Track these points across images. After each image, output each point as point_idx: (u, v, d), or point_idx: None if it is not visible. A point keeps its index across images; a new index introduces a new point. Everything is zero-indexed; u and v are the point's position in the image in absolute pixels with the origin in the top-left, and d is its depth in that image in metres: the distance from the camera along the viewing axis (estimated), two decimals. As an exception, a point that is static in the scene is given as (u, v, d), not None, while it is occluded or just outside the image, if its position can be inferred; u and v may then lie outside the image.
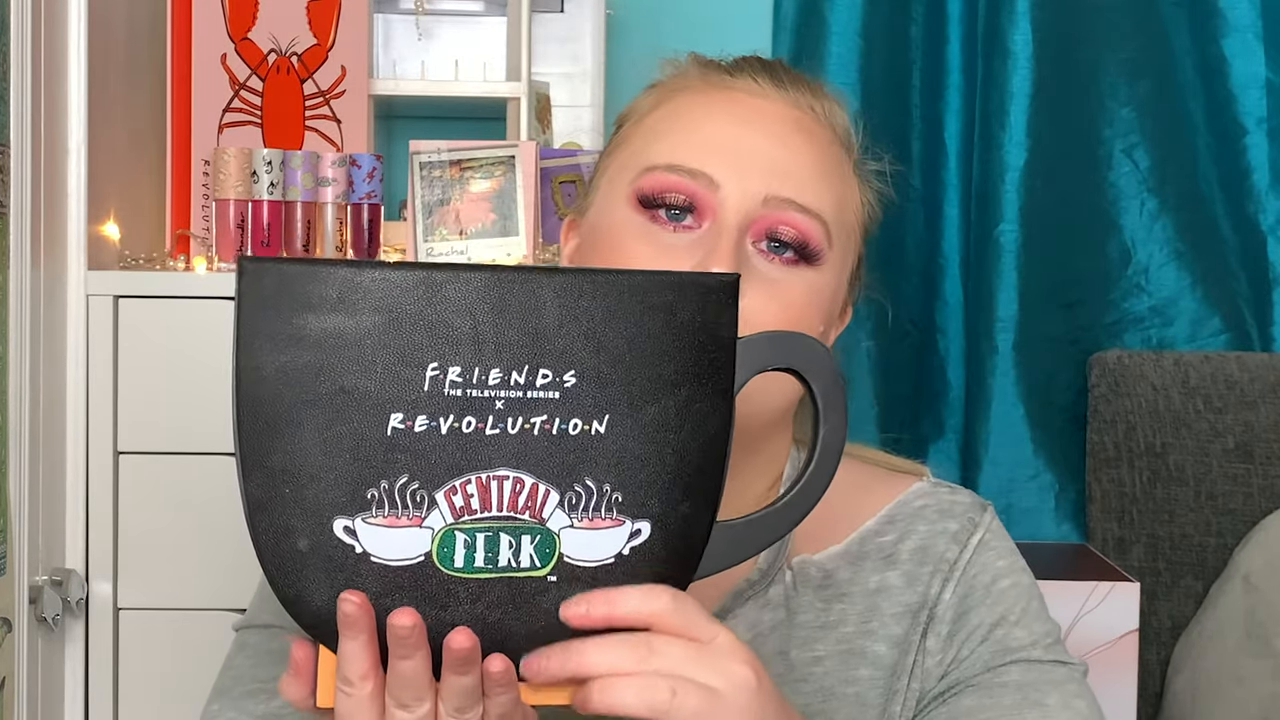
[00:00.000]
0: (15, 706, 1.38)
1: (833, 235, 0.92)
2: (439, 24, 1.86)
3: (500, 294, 0.68)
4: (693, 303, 0.70)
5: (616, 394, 0.69)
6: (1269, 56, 1.92)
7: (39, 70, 1.41)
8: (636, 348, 0.70)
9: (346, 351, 0.67)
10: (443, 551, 0.69)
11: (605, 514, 0.70)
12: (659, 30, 1.92)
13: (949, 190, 1.95)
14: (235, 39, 1.68)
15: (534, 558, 0.70)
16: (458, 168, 1.58)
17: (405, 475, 0.68)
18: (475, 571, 0.69)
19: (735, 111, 0.93)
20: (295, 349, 0.67)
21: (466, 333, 0.68)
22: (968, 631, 0.93)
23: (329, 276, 0.67)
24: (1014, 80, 1.88)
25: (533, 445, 0.69)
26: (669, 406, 0.70)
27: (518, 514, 0.69)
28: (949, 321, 1.96)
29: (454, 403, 0.68)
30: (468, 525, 0.69)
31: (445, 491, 0.69)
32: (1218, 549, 1.76)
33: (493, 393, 0.68)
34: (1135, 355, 1.83)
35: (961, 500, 0.98)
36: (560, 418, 0.69)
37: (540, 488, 0.69)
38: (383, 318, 0.67)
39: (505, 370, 0.68)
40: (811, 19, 1.91)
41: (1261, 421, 1.77)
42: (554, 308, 0.68)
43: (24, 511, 1.39)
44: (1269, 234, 1.93)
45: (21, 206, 1.38)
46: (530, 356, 0.68)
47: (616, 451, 0.70)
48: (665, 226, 0.90)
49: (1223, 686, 1.65)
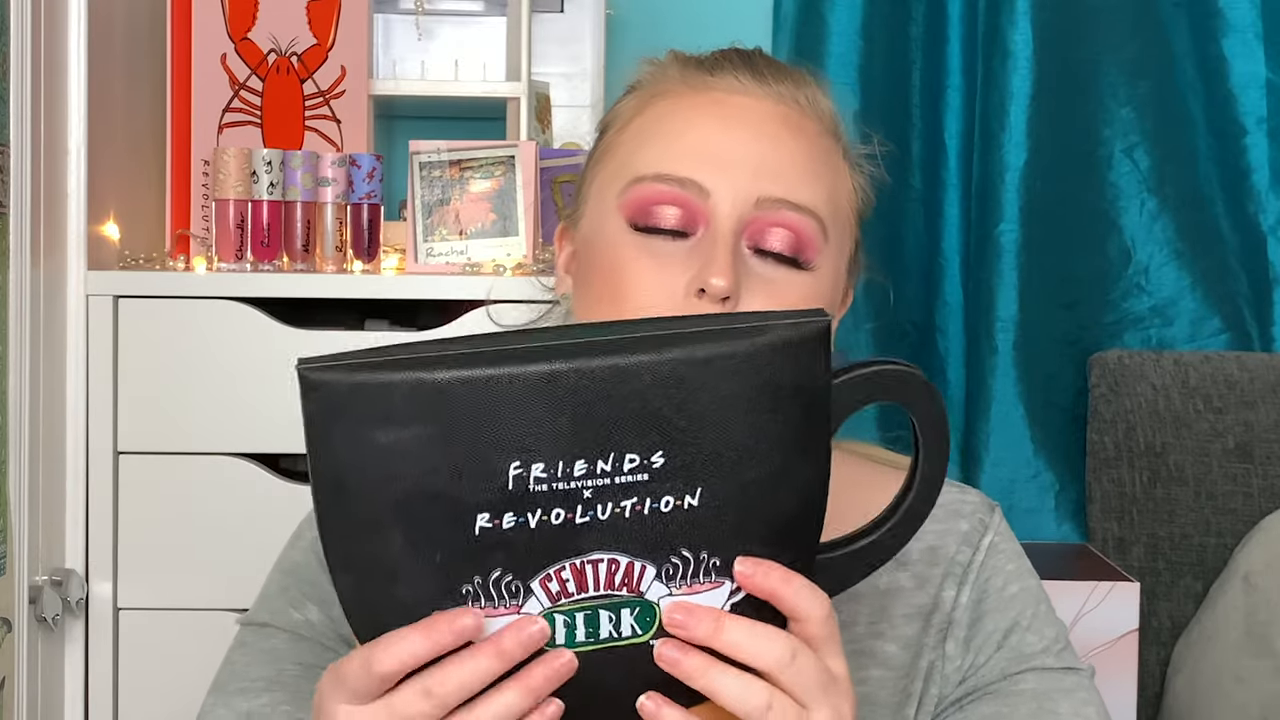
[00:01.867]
0: (15, 706, 1.38)
1: (828, 229, 0.91)
2: (439, 24, 1.86)
3: (575, 384, 0.65)
4: (787, 365, 0.67)
5: (708, 467, 0.67)
6: (1269, 56, 1.92)
7: (39, 70, 1.41)
8: (728, 419, 0.67)
9: (425, 458, 0.65)
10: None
11: (704, 579, 0.69)
12: (659, 30, 1.92)
13: (949, 190, 1.95)
14: (235, 39, 1.68)
15: (635, 627, 0.69)
16: (457, 168, 1.58)
17: (498, 570, 0.67)
18: (578, 646, 0.69)
19: (719, 113, 0.92)
20: (374, 460, 0.66)
21: (546, 428, 0.65)
22: (983, 637, 0.93)
23: (393, 389, 0.65)
24: (1014, 80, 1.88)
25: (625, 527, 0.67)
26: (764, 470, 0.68)
27: (615, 591, 0.68)
28: (949, 321, 1.96)
29: (540, 497, 0.66)
30: (566, 607, 0.68)
31: (540, 580, 0.68)
32: (1218, 549, 1.76)
33: (579, 484, 0.66)
34: (1135, 355, 1.83)
35: (970, 500, 0.98)
36: (651, 497, 0.67)
37: (635, 565, 0.68)
38: (456, 424, 0.65)
39: (590, 460, 0.66)
40: (811, 19, 1.91)
41: (1261, 421, 1.77)
42: (634, 389, 0.66)
43: (24, 511, 1.39)
44: (1269, 234, 1.93)
45: (21, 206, 1.38)
46: (614, 442, 0.66)
47: (710, 521, 0.68)
48: (662, 240, 0.90)
49: (1223, 686, 1.65)
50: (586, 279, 0.93)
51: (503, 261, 1.55)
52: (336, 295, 1.53)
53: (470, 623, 0.66)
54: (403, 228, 1.62)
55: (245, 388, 1.49)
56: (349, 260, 1.57)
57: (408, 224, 1.57)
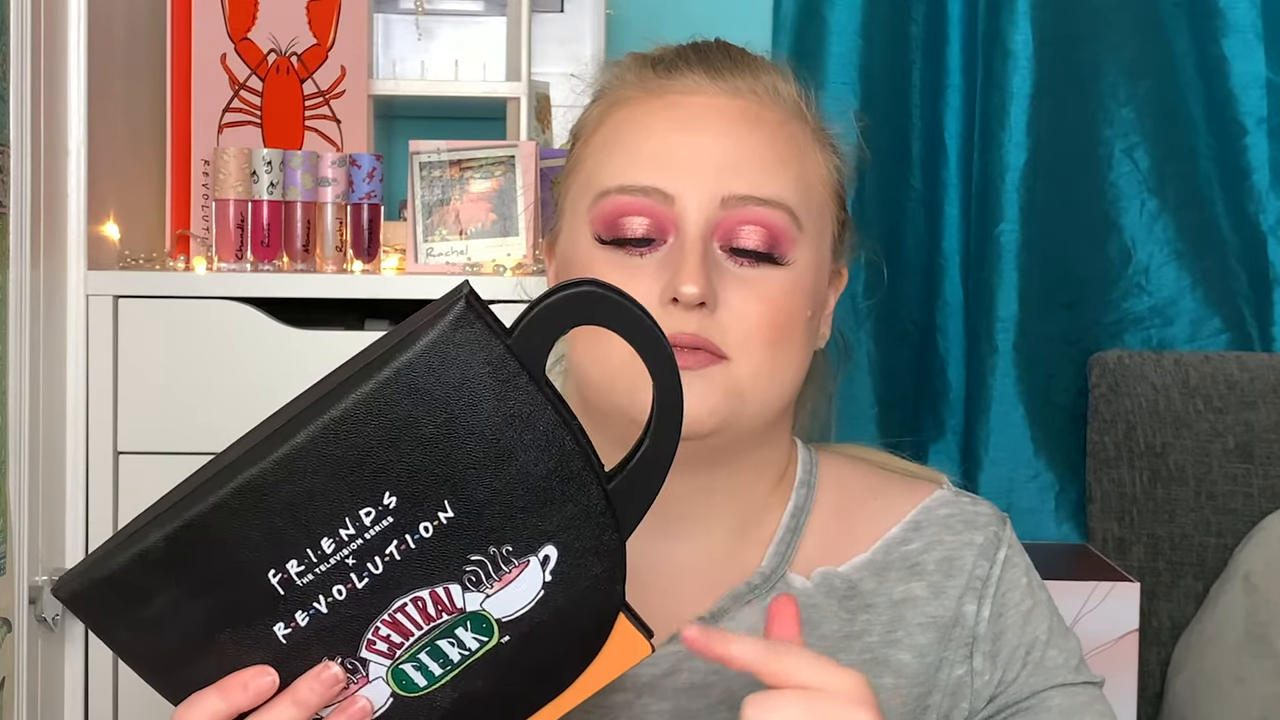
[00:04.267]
0: (15, 706, 1.38)
1: (800, 219, 0.91)
2: (439, 24, 1.86)
3: (273, 478, 0.68)
4: (445, 353, 0.68)
5: (437, 480, 0.69)
6: (1269, 56, 1.92)
7: (39, 70, 1.41)
8: (425, 428, 0.68)
9: (195, 611, 0.71)
10: (402, 684, 0.73)
11: (508, 568, 0.71)
12: (659, 30, 1.90)
13: (949, 190, 1.95)
14: (235, 39, 1.68)
15: (478, 638, 0.72)
16: (457, 168, 1.58)
17: (324, 660, 0.72)
18: (440, 680, 0.73)
19: (676, 117, 0.92)
20: (156, 632, 0.71)
21: (274, 531, 0.69)
22: (1008, 652, 0.94)
23: (127, 573, 0.70)
24: (1014, 80, 1.88)
25: (404, 567, 0.70)
26: (489, 449, 0.69)
27: (437, 621, 0.72)
28: (949, 321, 1.96)
29: (313, 586, 0.70)
30: (406, 656, 0.72)
31: (366, 648, 0.72)
32: (1218, 549, 1.76)
33: (337, 558, 0.70)
34: (1135, 355, 1.83)
35: (984, 511, 0.98)
36: (407, 532, 0.70)
37: (439, 590, 0.71)
38: (197, 570, 0.70)
39: (332, 534, 0.69)
40: (811, 19, 1.91)
41: (1261, 421, 1.76)
42: (321, 468, 0.68)
43: (24, 511, 1.39)
44: (1269, 234, 1.93)
45: (21, 206, 1.38)
46: (342, 509, 0.69)
47: (475, 519, 0.70)
48: (632, 253, 0.90)
49: (1223, 686, 1.65)
50: None
51: (503, 262, 1.55)
52: (336, 295, 1.53)
53: (266, 681, 0.71)
54: (403, 228, 1.62)
55: (245, 388, 1.49)
56: (349, 260, 1.57)
57: (408, 224, 1.57)
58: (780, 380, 0.91)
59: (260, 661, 0.72)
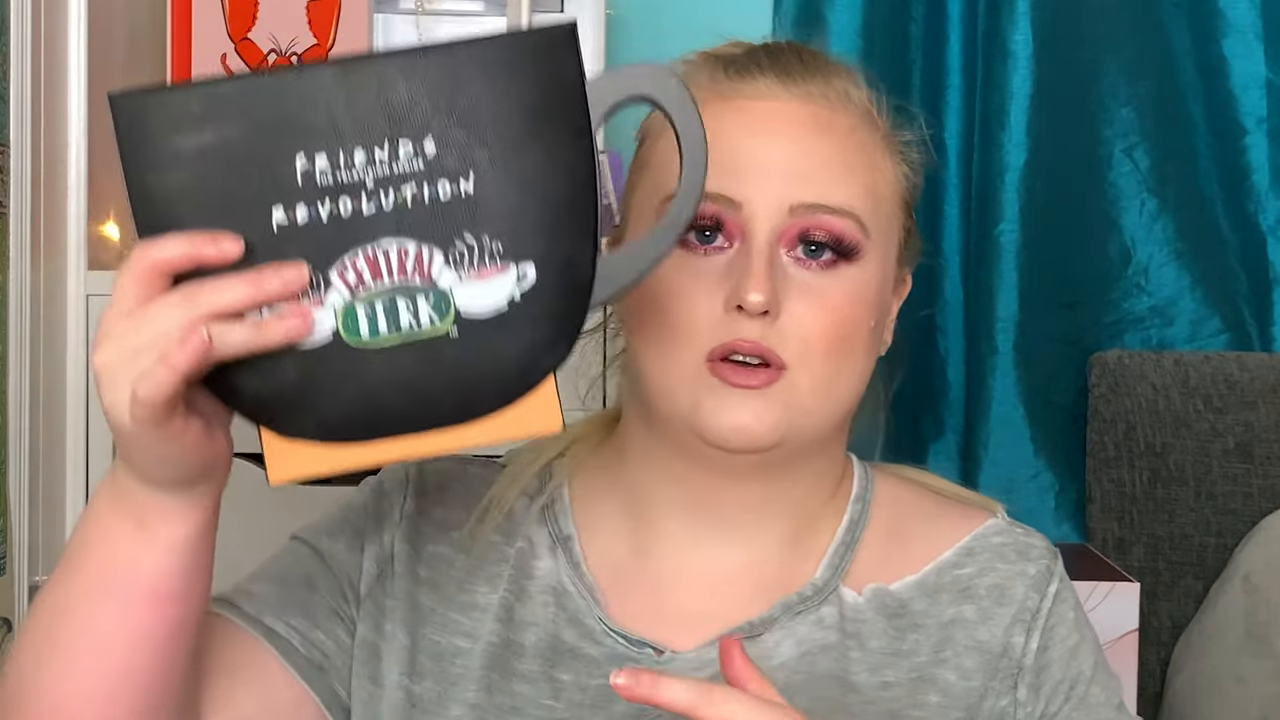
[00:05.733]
0: (15, 706, 1.38)
1: (869, 228, 0.90)
2: (439, 24, 1.86)
3: (348, 81, 0.74)
4: (533, 55, 0.76)
5: (477, 153, 0.75)
6: (1269, 56, 1.91)
7: (39, 70, 1.41)
8: (487, 106, 0.75)
9: (219, 161, 0.74)
10: (348, 325, 0.75)
11: (489, 263, 0.75)
12: (659, 30, 1.92)
13: (949, 190, 1.95)
14: (235, 39, 1.68)
15: (433, 316, 0.75)
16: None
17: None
18: (382, 340, 0.75)
19: (746, 122, 0.91)
20: (174, 167, 0.74)
21: (324, 122, 0.74)
22: (1052, 685, 0.94)
23: (191, 95, 0.74)
24: (1014, 80, 1.88)
25: (409, 214, 0.75)
26: (529, 155, 0.75)
27: (409, 279, 0.75)
28: (949, 321, 1.96)
29: (327, 189, 0.74)
30: (365, 297, 0.75)
31: (337, 271, 0.75)
32: (1218, 549, 1.76)
33: (360, 174, 0.74)
34: (1135, 355, 1.83)
35: (1036, 544, 0.98)
36: (429, 183, 0.75)
37: (424, 251, 0.75)
38: (246, 123, 0.74)
39: (368, 150, 0.74)
40: (811, 19, 1.90)
41: (1261, 421, 1.76)
42: (401, 84, 0.74)
43: (24, 511, 1.39)
44: (1269, 234, 1.93)
45: (21, 206, 1.38)
46: (388, 133, 0.74)
47: (488, 205, 0.75)
48: (697, 251, 0.89)
49: (1223, 686, 1.65)
50: (631, 297, 0.93)
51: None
52: (336, 295, 1.53)
53: (230, 246, 0.73)
54: (403, 228, 1.62)
55: (245, 388, 1.49)
56: (349, 260, 1.57)
57: (408, 224, 1.57)
58: (841, 391, 0.91)
59: (245, 241, 0.74)
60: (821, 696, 0.90)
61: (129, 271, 0.74)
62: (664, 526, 0.95)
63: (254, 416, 0.77)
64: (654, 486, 0.95)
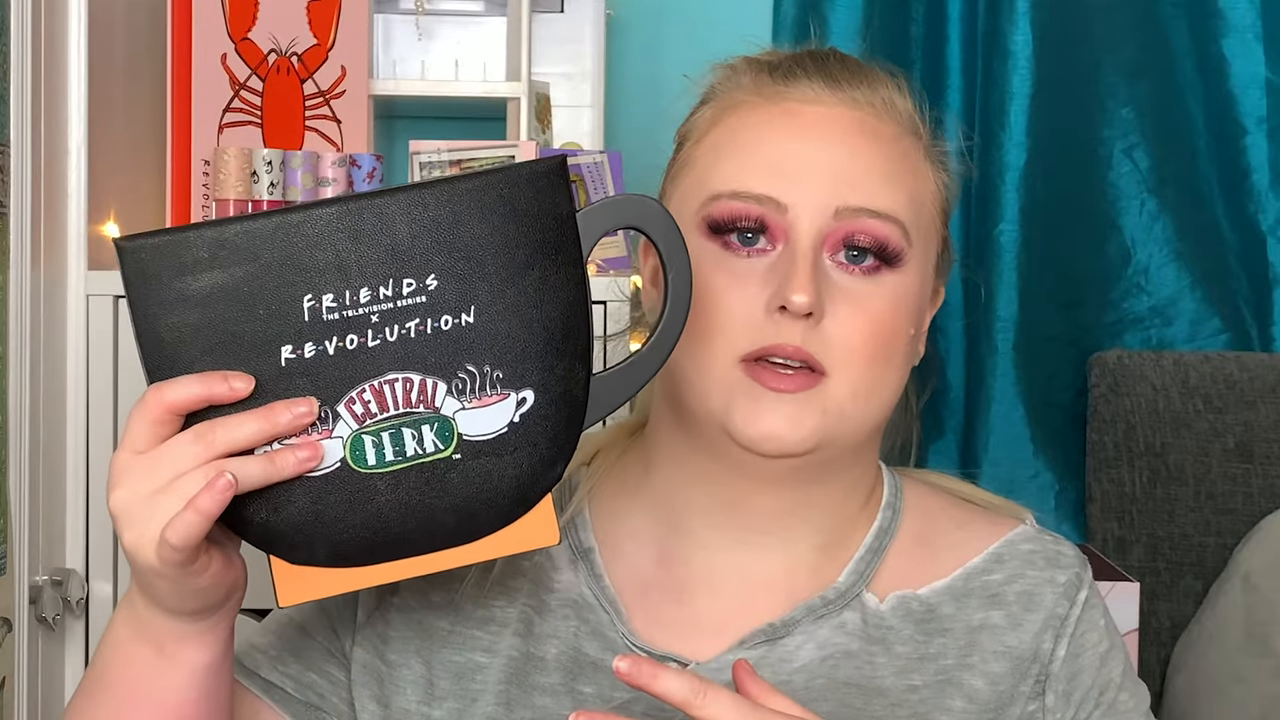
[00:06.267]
0: (15, 706, 1.38)
1: (911, 235, 0.90)
2: (439, 24, 1.86)
3: (352, 222, 0.76)
4: (528, 192, 0.78)
5: (477, 286, 0.78)
6: (1269, 56, 1.91)
7: (39, 70, 1.41)
8: (485, 242, 0.78)
9: (228, 302, 0.76)
10: (356, 454, 0.78)
11: (491, 391, 0.79)
12: (659, 30, 1.92)
13: (949, 190, 1.95)
14: (235, 39, 1.68)
15: (436, 442, 0.78)
16: (458, 168, 1.58)
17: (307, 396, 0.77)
18: (388, 465, 0.78)
19: (793, 125, 0.91)
20: (183, 310, 0.76)
21: (330, 262, 0.76)
22: (1081, 693, 0.94)
23: (197, 240, 0.76)
24: (1014, 80, 1.88)
25: (413, 347, 0.77)
26: (526, 286, 0.78)
27: (413, 409, 0.78)
28: (949, 321, 1.96)
29: (334, 325, 0.77)
30: (372, 428, 0.78)
31: (345, 404, 0.77)
32: (1217, 549, 1.76)
33: (366, 310, 0.77)
34: (1135, 355, 1.83)
35: (1066, 552, 0.98)
36: (431, 317, 0.77)
37: (428, 382, 0.78)
38: (253, 265, 0.76)
39: (372, 288, 0.77)
40: (811, 19, 1.90)
41: (1261, 421, 1.76)
42: (403, 223, 0.77)
43: (24, 511, 1.39)
44: (1269, 234, 1.93)
45: (21, 206, 1.38)
46: (392, 270, 0.77)
47: (488, 336, 0.78)
48: (739, 252, 0.89)
49: (1223, 686, 1.65)
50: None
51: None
52: (336, 295, 1.52)
53: (242, 385, 0.76)
54: (403, 228, 1.62)
55: (245, 388, 1.49)
56: (349, 260, 1.57)
57: (408, 224, 1.57)
58: (878, 399, 0.91)
59: (255, 379, 0.76)
60: (844, 703, 0.90)
61: (142, 413, 0.76)
62: (694, 531, 0.95)
63: (264, 545, 0.79)
64: (683, 490, 0.94)
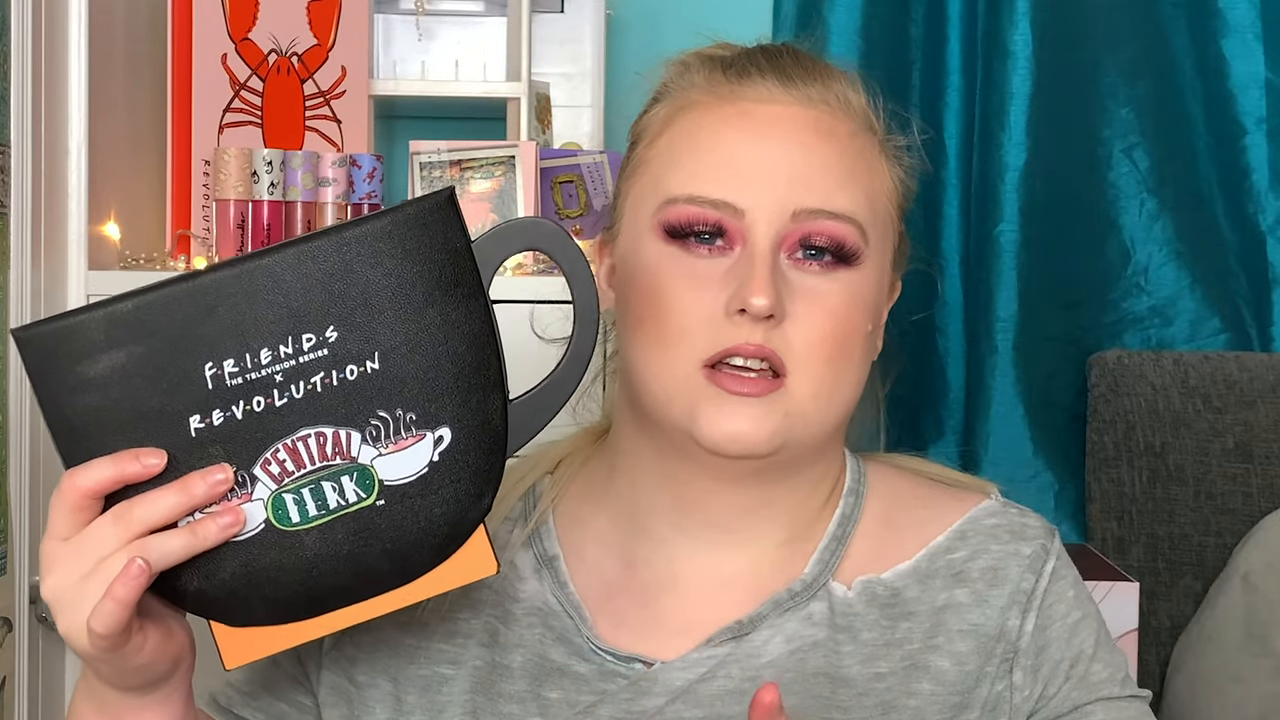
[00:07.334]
0: (15, 706, 1.38)
1: (868, 234, 0.91)
2: (439, 24, 1.86)
3: (243, 285, 0.76)
4: (416, 231, 0.77)
5: (378, 332, 0.77)
6: (1269, 56, 1.91)
7: (39, 70, 1.41)
8: (380, 287, 0.77)
9: (131, 380, 0.76)
10: (279, 513, 0.78)
11: (405, 434, 0.78)
12: (659, 30, 1.92)
13: (949, 190, 1.95)
14: (235, 39, 1.68)
15: (358, 491, 0.78)
16: (458, 168, 1.58)
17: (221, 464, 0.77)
18: (313, 520, 0.78)
19: (748, 126, 0.91)
20: (87, 393, 0.76)
21: (226, 327, 0.76)
22: (1050, 666, 0.93)
23: (90, 324, 0.75)
24: (1014, 80, 1.88)
25: (321, 401, 0.77)
26: (428, 325, 0.78)
27: (330, 462, 0.78)
28: (949, 321, 1.96)
29: (239, 390, 0.76)
30: (291, 486, 0.78)
31: (261, 465, 0.77)
32: (1217, 549, 1.76)
33: (269, 370, 0.76)
34: (1135, 355, 1.83)
35: (1032, 523, 0.97)
36: (336, 369, 0.77)
37: (341, 433, 0.78)
38: (150, 340, 0.76)
39: (272, 347, 0.76)
40: (811, 19, 1.90)
41: (1261, 421, 1.77)
42: (295, 280, 0.76)
43: (24, 511, 1.39)
44: (1269, 234, 1.93)
45: (21, 206, 1.38)
46: (289, 328, 0.76)
47: (396, 379, 0.77)
48: (698, 251, 0.89)
49: (1222, 686, 1.65)
50: (626, 298, 0.93)
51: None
52: (336, 295, 1.52)
53: (154, 461, 0.76)
54: (403, 228, 1.62)
55: (245, 388, 1.49)
56: (349, 260, 1.57)
57: (408, 224, 1.57)
58: (839, 397, 0.91)
59: (167, 451, 0.77)
60: (813, 694, 0.90)
61: (61, 501, 0.77)
62: (658, 532, 0.95)
63: (202, 612, 0.80)
64: (646, 492, 0.95)
